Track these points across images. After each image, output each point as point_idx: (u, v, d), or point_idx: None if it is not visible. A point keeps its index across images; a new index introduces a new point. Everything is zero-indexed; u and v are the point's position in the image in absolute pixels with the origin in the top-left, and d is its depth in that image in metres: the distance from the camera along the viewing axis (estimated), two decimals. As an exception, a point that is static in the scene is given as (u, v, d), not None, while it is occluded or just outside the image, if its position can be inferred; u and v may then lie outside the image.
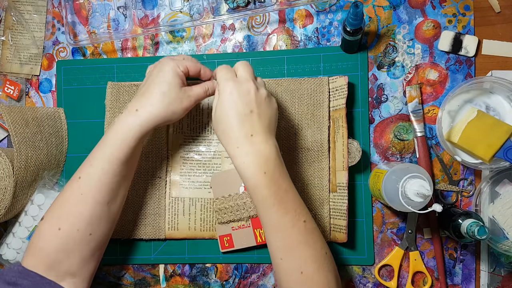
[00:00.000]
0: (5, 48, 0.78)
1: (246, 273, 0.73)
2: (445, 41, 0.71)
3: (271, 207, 0.56)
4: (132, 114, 0.60)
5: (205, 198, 0.72)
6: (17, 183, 0.68)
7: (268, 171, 0.56)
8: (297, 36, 0.74)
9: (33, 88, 0.78)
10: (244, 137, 0.57)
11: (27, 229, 0.71)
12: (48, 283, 0.58)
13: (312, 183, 0.70)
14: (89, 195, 0.59)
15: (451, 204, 0.70)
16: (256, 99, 0.58)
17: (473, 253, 0.70)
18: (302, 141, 0.70)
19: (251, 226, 0.70)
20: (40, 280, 0.58)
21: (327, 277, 0.56)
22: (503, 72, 0.70)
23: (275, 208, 0.56)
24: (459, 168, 0.71)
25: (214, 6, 0.75)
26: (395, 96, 0.72)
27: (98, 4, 0.77)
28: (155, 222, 0.72)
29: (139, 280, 0.74)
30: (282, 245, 0.56)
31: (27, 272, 0.58)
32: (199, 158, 0.73)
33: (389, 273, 0.71)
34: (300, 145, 0.70)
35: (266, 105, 0.59)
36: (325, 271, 0.57)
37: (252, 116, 0.57)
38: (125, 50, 0.77)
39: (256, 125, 0.57)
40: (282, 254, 0.56)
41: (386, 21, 0.72)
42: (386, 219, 0.71)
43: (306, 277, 0.55)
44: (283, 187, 0.57)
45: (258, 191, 0.56)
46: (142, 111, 0.59)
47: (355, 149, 0.67)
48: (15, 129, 0.69)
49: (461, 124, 0.67)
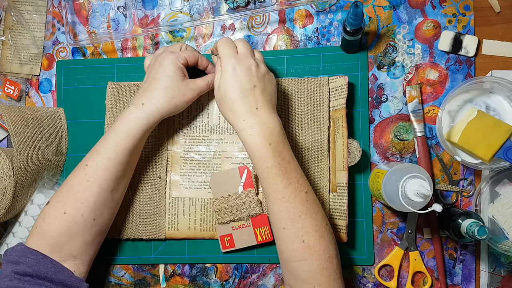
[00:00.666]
0: (5, 48, 0.78)
1: (246, 273, 0.73)
2: (445, 41, 0.71)
3: (275, 177, 0.58)
4: (139, 108, 0.63)
5: (205, 198, 0.72)
6: (17, 183, 0.68)
7: (273, 142, 0.59)
8: (297, 36, 0.74)
9: (33, 88, 0.78)
10: (250, 111, 0.60)
11: (27, 229, 0.71)
12: (50, 261, 0.60)
13: (312, 183, 0.69)
14: (95, 182, 0.62)
15: (451, 204, 0.70)
16: (257, 74, 0.61)
17: (473, 253, 0.70)
18: (302, 141, 0.70)
19: (251, 226, 0.70)
20: (42, 258, 0.60)
21: (327, 247, 0.58)
22: (503, 72, 0.70)
23: (279, 178, 0.58)
24: (459, 168, 0.71)
25: (214, 6, 0.75)
26: (395, 96, 0.72)
27: (98, 4, 0.77)
28: (155, 222, 0.72)
29: (139, 280, 0.74)
30: (285, 214, 0.58)
31: (30, 250, 0.60)
32: (199, 158, 0.73)
33: (389, 273, 0.71)
34: (300, 145, 0.70)
35: (267, 80, 0.62)
36: (325, 241, 0.59)
37: (255, 90, 0.60)
38: (125, 50, 0.77)
39: (260, 99, 0.60)
40: (285, 224, 0.59)
41: (386, 21, 0.72)
42: (386, 219, 0.71)
43: (308, 245, 0.58)
44: (286, 158, 0.59)
45: (263, 162, 0.59)
46: (148, 105, 0.63)
47: (355, 149, 0.67)
48: (15, 129, 0.69)
49: (461, 124, 0.67)
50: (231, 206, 0.70)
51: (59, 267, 0.61)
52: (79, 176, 0.62)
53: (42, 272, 0.59)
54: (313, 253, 0.58)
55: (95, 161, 0.62)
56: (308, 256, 0.58)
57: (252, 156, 0.60)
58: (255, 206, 0.69)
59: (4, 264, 0.60)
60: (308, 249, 0.58)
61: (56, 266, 0.61)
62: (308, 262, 0.58)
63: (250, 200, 0.69)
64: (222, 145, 0.73)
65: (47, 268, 0.60)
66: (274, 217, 0.60)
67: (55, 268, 0.60)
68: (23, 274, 0.58)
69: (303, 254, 0.58)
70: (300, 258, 0.58)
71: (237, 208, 0.69)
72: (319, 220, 0.59)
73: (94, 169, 0.62)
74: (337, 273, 0.59)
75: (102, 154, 0.62)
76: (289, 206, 0.58)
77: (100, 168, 0.62)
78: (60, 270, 0.61)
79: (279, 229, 0.59)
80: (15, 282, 0.57)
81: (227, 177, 0.71)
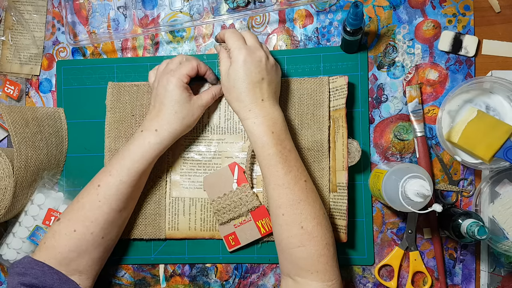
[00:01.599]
0: (5, 48, 0.78)
1: (246, 273, 0.73)
2: (445, 41, 0.71)
3: (277, 164, 0.61)
4: (153, 134, 0.65)
5: (205, 198, 0.72)
6: (17, 183, 0.68)
7: (276, 131, 0.62)
8: (297, 36, 0.74)
9: (33, 88, 0.78)
10: (255, 102, 0.62)
11: (27, 229, 0.71)
12: (56, 273, 0.61)
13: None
14: (106, 202, 0.63)
15: (451, 204, 0.70)
16: (267, 67, 0.63)
17: (473, 253, 0.70)
18: (302, 141, 0.70)
19: (253, 220, 0.70)
20: (49, 269, 0.61)
21: (325, 234, 0.60)
22: (503, 72, 0.70)
23: (280, 165, 0.61)
24: (459, 168, 0.71)
25: (214, 6, 0.75)
26: (395, 96, 0.72)
27: (98, 4, 0.77)
28: (155, 222, 0.72)
29: (139, 280, 0.74)
30: (285, 201, 0.60)
31: (36, 262, 0.61)
32: (199, 158, 0.73)
33: (389, 273, 0.71)
34: (300, 145, 0.70)
35: (274, 72, 0.65)
36: (323, 228, 0.60)
37: (263, 83, 0.63)
38: (125, 50, 0.77)
39: (265, 91, 0.63)
40: (284, 210, 0.60)
41: (386, 21, 0.72)
42: (386, 219, 0.71)
43: (306, 231, 0.59)
44: (287, 147, 0.62)
45: (266, 149, 0.61)
46: (161, 131, 0.65)
47: (355, 149, 0.67)
48: (15, 129, 0.69)
49: (461, 124, 0.67)
50: (228, 205, 0.70)
51: (64, 278, 0.62)
52: (91, 196, 0.64)
53: (47, 284, 0.60)
54: (311, 239, 0.59)
55: (107, 182, 0.63)
56: (307, 242, 0.59)
57: (254, 143, 0.62)
58: (252, 200, 0.69)
59: (11, 276, 0.61)
60: (306, 235, 0.59)
61: (61, 278, 0.61)
62: (306, 248, 0.59)
63: (246, 194, 0.70)
64: (222, 145, 0.73)
65: (52, 280, 0.60)
66: (274, 203, 0.61)
67: (61, 279, 0.61)
68: (29, 285, 0.59)
69: (301, 240, 0.59)
70: (299, 244, 0.59)
71: (235, 205, 0.70)
72: (317, 208, 0.61)
73: (106, 190, 0.63)
74: (333, 261, 0.60)
75: (115, 176, 0.63)
76: (289, 192, 0.60)
77: (112, 189, 0.63)
78: (66, 282, 0.62)
79: (278, 215, 0.61)
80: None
81: (219, 177, 0.71)
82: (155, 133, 0.65)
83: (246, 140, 0.72)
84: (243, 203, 0.70)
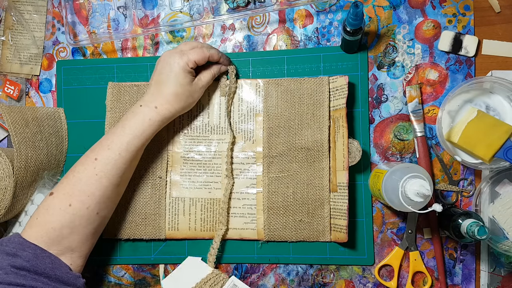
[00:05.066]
0: (5, 48, 0.78)
1: (246, 273, 0.73)
2: (445, 41, 0.71)
3: None
4: (153, 110, 0.65)
5: (206, 199, 0.72)
6: (17, 183, 0.68)
7: None
8: (297, 36, 0.74)
9: (33, 88, 0.78)
10: None
11: (27, 229, 0.71)
12: (48, 256, 0.60)
13: (312, 183, 0.70)
14: (104, 176, 0.63)
15: (451, 204, 0.70)
16: None
17: (473, 253, 0.70)
18: (302, 141, 0.70)
19: None
20: (41, 252, 0.60)
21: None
22: (503, 72, 0.70)
23: None
24: (459, 168, 0.71)
25: (214, 6, 0.75)
26: (395, 96, 0.72)
27: (98, 4, 0.77)
28: (155, 222, 0.72)
29: (139, 280, 0.74)
30: None
31: (28, 243, 0.60)
32: (199, 158, 0.73)
33: (389, 273, 0.71)
34: (300, 145, 0.70)
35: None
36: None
37: None
38: (125, 50, 0.77)
39: None
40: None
41: (386, 21, 0.72)
42: (386, 219, 0.71)
43: None
44: None
45: None
46: (161, 109, 0.66)
47: (355, 149, 0.67)
48: (15, 129, 0.69)
49: (461, 124, 0.67)
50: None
51: (57, 262, 0.60)
52: (88, 170, 0.63)
53: (39, 268, 0.58)
54: None
55: (106, 156, 0.63)
56: None
57: None
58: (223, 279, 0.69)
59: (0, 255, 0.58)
60: None
61: (54, 261, 0.60)
62: None
63: (212, 275, 0.69)
64: (223, 145, 0.73)
65: (44, 264, 0.59)
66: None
67: (53, 263, 0.60)
68: (20, 268, 0.57)
69: None
70: None
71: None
72: None
73: (104, 164, 0.63)
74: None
75: (114, 150, 0.63)
76: None
77: (110, 163, 0.63)
78: (58, 266, 0.60)
79: None
80: (11, 276, 0.56)
81: (180, 276, 0.70)
82: (155, 110, 0.65)
83: (246, 140, 0.72)
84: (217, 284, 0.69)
